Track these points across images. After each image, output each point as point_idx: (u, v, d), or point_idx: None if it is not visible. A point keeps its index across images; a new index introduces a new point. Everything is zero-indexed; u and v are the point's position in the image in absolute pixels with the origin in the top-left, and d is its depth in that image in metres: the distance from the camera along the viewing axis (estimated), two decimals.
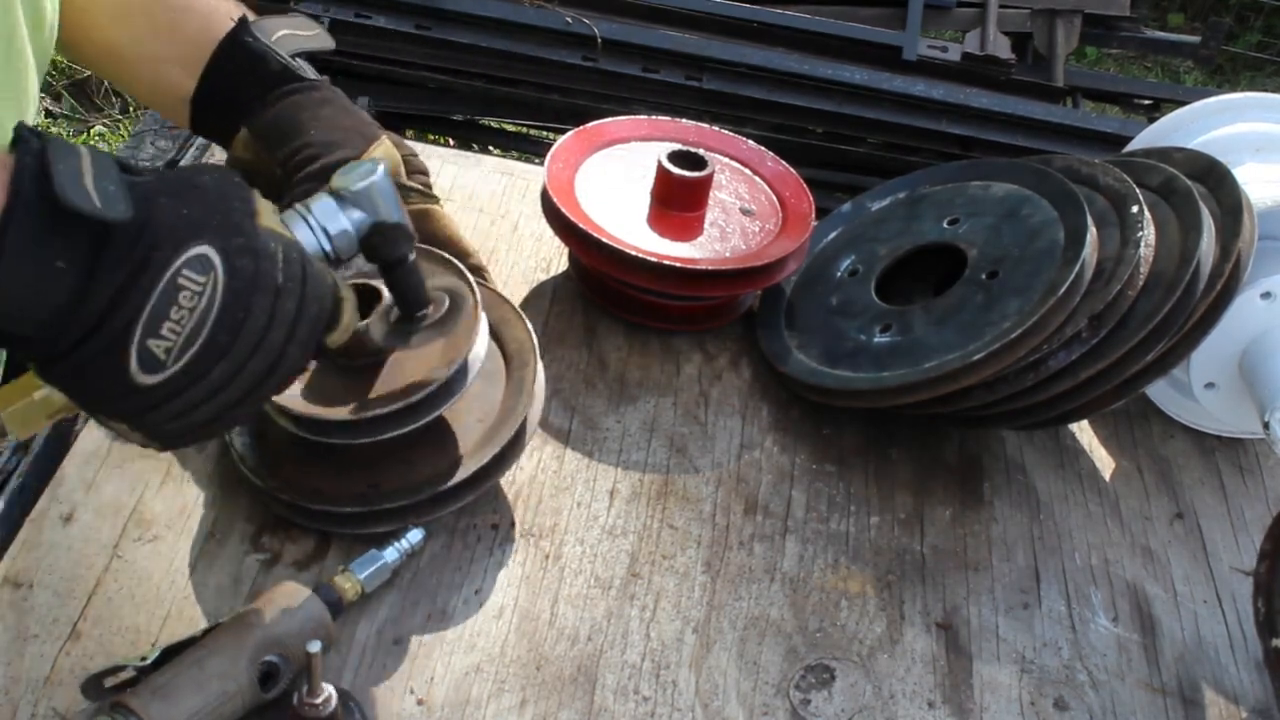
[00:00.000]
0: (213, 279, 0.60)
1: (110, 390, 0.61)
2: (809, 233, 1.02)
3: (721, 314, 1.04)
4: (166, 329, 0.60)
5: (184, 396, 0.62)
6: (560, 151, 1.03)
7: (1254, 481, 1.02)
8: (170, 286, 0.59)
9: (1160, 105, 2.77)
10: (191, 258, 0.60)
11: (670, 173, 1.00)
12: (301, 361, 0.65)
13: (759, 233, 1.02)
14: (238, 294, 0.61)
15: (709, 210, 1.02)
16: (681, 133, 1.09)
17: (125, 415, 0.62)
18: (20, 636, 0.73)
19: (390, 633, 0.77)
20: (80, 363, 0.60)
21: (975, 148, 2.33)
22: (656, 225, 1.00)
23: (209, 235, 0.60)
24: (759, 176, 1.07)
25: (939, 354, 0.91)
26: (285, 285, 0.63)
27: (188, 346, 0.60)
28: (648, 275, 0.96)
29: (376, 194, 0.70)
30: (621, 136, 1.07)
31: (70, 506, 0.80)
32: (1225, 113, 1.08)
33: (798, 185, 1.06)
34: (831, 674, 0.80)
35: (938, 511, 0.93)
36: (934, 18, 2.66)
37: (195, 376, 0.61)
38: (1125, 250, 0.91)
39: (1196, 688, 0.85)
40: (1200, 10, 4.12)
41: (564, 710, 0.75)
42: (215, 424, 0.64)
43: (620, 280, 0.98)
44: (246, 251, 0.61)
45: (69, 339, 0.59)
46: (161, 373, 0.60)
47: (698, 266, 0.96)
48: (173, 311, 0.60)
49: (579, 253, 1.00)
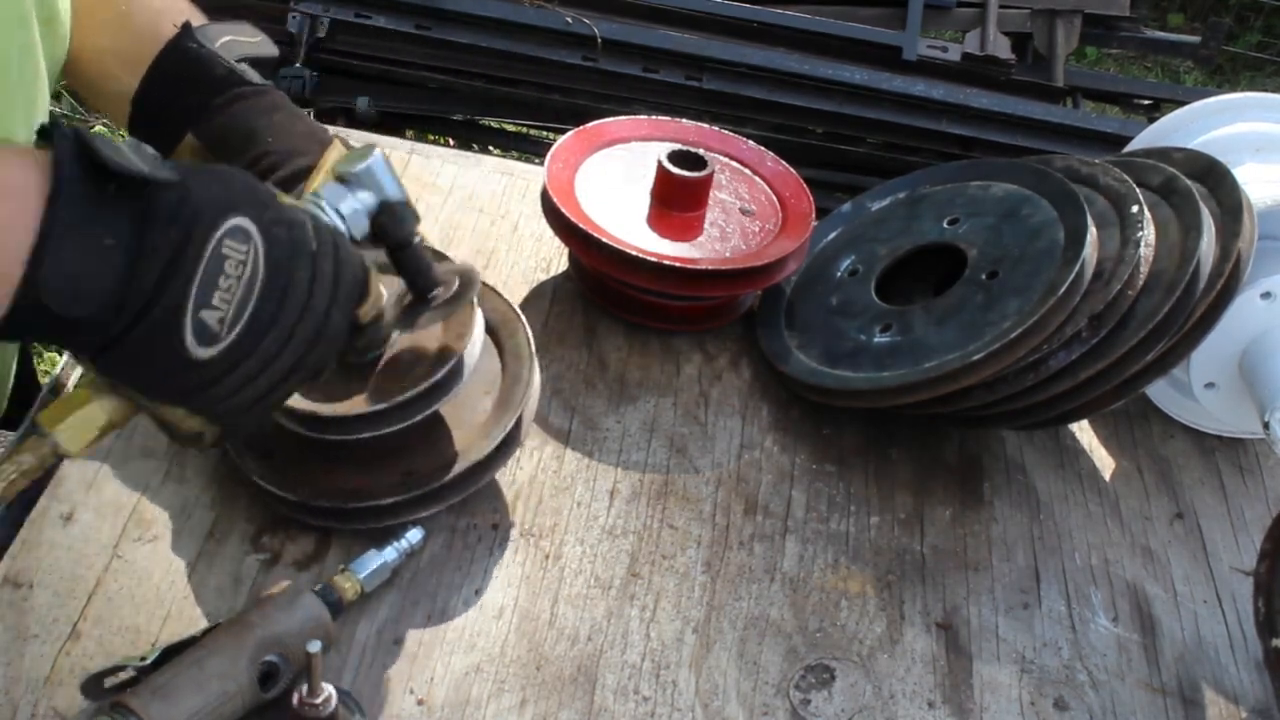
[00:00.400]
0: (253, 248, 0.61)
1: (169, 368, 0.61)
2: (809, 233, 1.02)
3: (721, 314, 1.04)
4: (218, 299, 0.60)
5: (240, 369, 0.62)
6: (560, 151, 1.03)
7: (1254, 481, 1.02)
8: (216, 256, 0.60)
9: (1160, 105, 2.77)
10: (231, 228, 0.60)
11: (670, 173, 1.00)
12: (343, 329, 0.66)
13: (759, 233, 1.02)
14: (278, 262, 0.62)
15: (709, 210, 1.02)
16: (681, 133, 1.09)
17: (185, 393, 0.62)
18: (20, 636, 0.73)
19: (390, 633, 0.77)
20: (137, 343, 0.60)
21: (975, 148, 2.33)
22: (656, 225, 1.00)
23: (243, 208, 0.61)
24: (759, 176, 1.07)
25: (939, 354, 0.91)
26: (321, 250, 0.64)
27: (239, 316, 0.61)
28: (648, 275, 0.96)
29: (380, 174, 0.71)
30: (622, 136, 1.07)
31: (70, 506, 0.80)
32: (1225, 113, 1.08)
33: (798, 185, 1.06)
34: (831, 674, 0.81)
35: (938, 511, 0.93)
36: (934, 18, 2.66)
37: (249, 347, 0.62)
38: (1125, 250, 0.91)
39: (1196, 688, 0.85)
40: (1200, 10, 4.12)
41: (564, 710, 0.75)
42: (270, 396, 0.64)
43: (620, 280, 0.98)
44: (280, 222, 0.63)
45: (123, 320, 0.59)
46: (217, 345, 0.61)
47: (698, 266, 0.96)
48: (221, 280, 0.60)
49: (579, 253, 1.00)
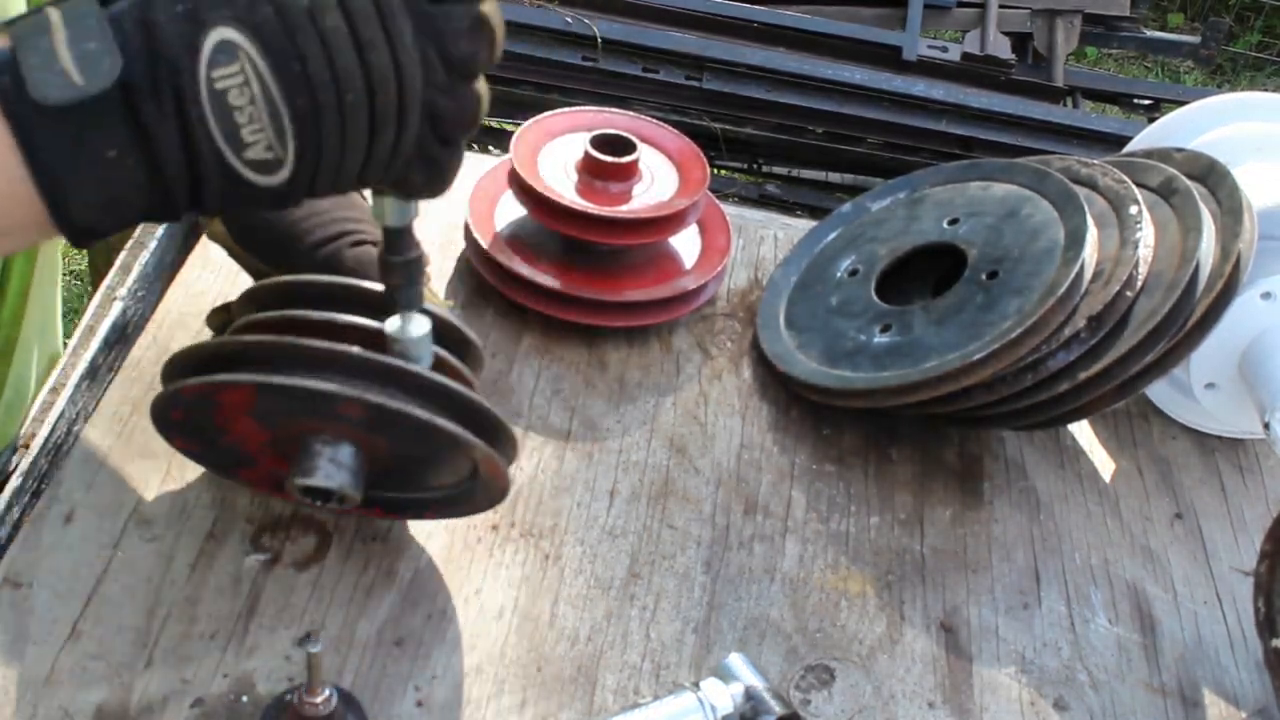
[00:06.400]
0: (243, 60, 0.52)
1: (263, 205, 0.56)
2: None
3: None
4: (248, 135, 0.53)
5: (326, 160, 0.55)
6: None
7: (1254, 481, 1.02)
8: (214, 99, 0.52)
9: (1160, 105, 2.77)
10: (211, 55, 0.51)
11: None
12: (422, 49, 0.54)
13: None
14: (276, 51, 0.52)
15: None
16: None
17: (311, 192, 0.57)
18: (20, 636, 0.73)
19: (390, 633, 0.77)
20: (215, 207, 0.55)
21: (975, 148, 2.34)
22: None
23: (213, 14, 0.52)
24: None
25: (939, 354, 0.91)
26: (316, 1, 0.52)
27: (280, 129, 0.53)
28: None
29: None
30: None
31: (70, 506, 0.80)
32: (1225, 113, 1.08)
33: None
34: (831, 674, 0.81)
35: (938, 512, 0.93)
36: (934, 18, 2.66)
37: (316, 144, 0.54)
38: (1124, 251, 0.91)
39: (1196, 688, 0.85)
40: (1200, 10, 4.12)
41: (564, 710, 0.75)
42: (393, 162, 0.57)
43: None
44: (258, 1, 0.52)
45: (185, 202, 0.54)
46: (284, 166, 0.54)
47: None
48: (237, 116, 0.52)
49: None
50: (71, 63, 0.50)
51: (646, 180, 1.03)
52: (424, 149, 0.57)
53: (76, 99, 0.50)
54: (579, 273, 1.01)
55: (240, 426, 0.73)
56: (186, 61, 0.51)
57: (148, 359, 0.90)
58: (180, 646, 0.74)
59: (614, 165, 1.01)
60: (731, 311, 1.07)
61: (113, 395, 0.88)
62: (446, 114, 0.56)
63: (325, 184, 0.56)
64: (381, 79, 0.53)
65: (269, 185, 0.54)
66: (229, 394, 0.71)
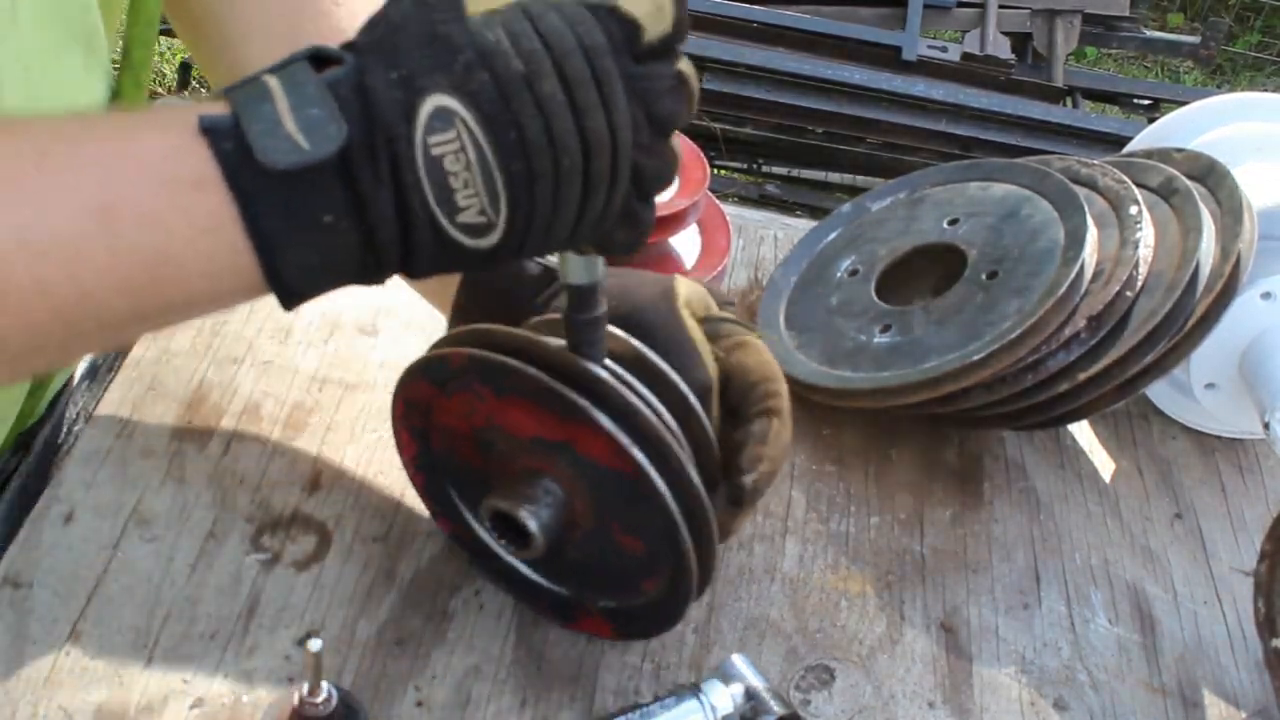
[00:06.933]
0: (459, 127, 0.52)
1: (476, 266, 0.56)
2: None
3: None
4: (462, 200, 0.53)
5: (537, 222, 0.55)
6: None
7: (1254, 481, 1.02)
8: (430, 165, 0.52)
9: (1160, 105, 2.77)
10: (427, 122, 0.51)
11: None
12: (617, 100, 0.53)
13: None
14: (493, 118, 0.52)
15: None
16: None
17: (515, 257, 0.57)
18: (20, 636, 0.73)
19: (390, 633, 0.77)
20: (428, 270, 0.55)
21: (975, 148, 2.34)
22: None
23: (428, 80, 0.51)
24: None
25: (939, 354, 0.91)
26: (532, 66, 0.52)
27: (493, 193, 0.53)
28: None
29: None
30: None
31: (70, 506, 0.80)
32: (1225, 113, 1.08)
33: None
34: (831, 674, 0.81)
35: (938, 512, 0.93)
36: (934, 18, 2.67)
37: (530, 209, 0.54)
38: (1124, 251, 0.91)
39: (1196, 688, 0.85)
40: (1200, 10, 4.12)
41: (564, 711, 0.75)
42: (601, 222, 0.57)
43: None
44: (472, 66, 0.52)
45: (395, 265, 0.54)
46: (495, 229, 0.54)
47: None
48: (452, 181, 0.52)
49: None
50: (297, 129, 0.51)
51: None
52: (627, 207, 0.57)
53: (303, 164, 0.50)
54: None
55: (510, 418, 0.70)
56: (404, 129, 0.51)
57: (147, 359, 0.90)
58: (180, 646, 0.74)
59: None
60: None
61: (113, 395, 0.88)
62: (649, 172, 0.56)
63: (534, 246, 0.56)
64: (598, 144, 0.53)
65: (478, 248, 0.54)
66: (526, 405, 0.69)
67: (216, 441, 0.86)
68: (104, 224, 0.51)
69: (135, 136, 0.53)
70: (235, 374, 0.91)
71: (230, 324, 0.95)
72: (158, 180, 0.52)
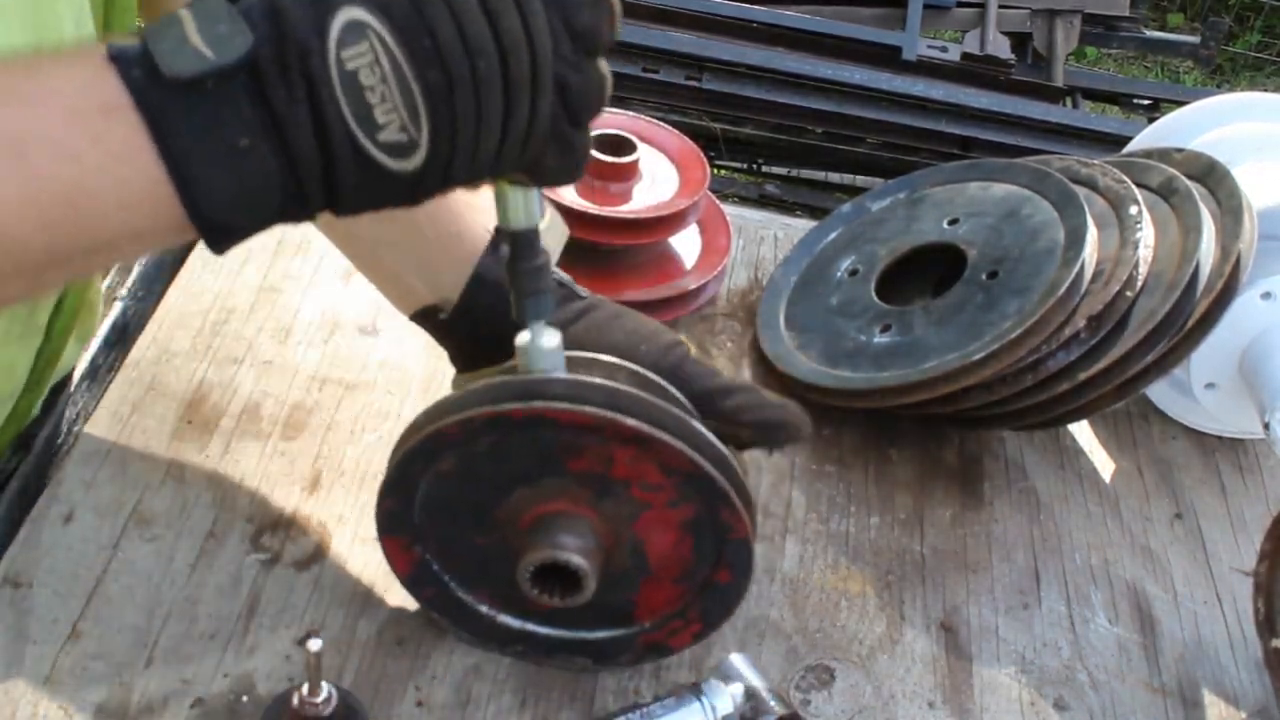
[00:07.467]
0: (371, 35, 0.51)
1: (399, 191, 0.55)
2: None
3: None
4: (381, 115, 0.51)
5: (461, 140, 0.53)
6: None
7: (1254, 481, 1.02)
8: (345, 79, 0.51)
9: (1160, 105, 2.77)
10: (339, 36, 0.50)
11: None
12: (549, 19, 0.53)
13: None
14: (405, 28, 0.51)
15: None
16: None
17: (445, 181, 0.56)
18: (20, 636, 0.73)
19: (391, 632, 0.77)
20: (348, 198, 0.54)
21: (975, 148, 2.34)
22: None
23: None
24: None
25: (939, 354, 0.91)
26: None
27: (412, 107, 0.52)
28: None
29: None
30: None
31: (70, 506, 0.80)
32: (1225, 113, 1.08)
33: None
34: (831, 674, 0.81)
35: (938, 512, 0.93)
36: (934, 18, 2.67)
37: (450, 121, 0.53)
38: (1124, 251, 0.91)
39: (1196, 688, 0.85)
40: (1200, 10, 4.13)
41: (564, 710, 0.75)
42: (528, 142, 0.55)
43: None
44: None
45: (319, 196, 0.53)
46: (418, 148, 0.53)
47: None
48: (368, 96, 0.51)
49: None
50: (203, 43, 0.50)
51: (647, 180, 1.03)
52: (557, 128, 0.56)
53: (207, 70, 0.49)
54: (579, 273, 1.01)
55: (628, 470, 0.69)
56: (315, 43, 0.50)
57: (147, 359, 0.90)
58: (180, 646, 0.74)
59: (614, 165, 1.01)
60: (731, 312, 1.07)
61: (113, 395, 0.88)
62: (575, 89, 0.55)
63: (461, 169, 0.54)
64: (513, 44, 0.52)
65: (404, 171, 0.53)
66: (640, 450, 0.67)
67: (216, 441, 0.86)
68: (14, 156, 0.50)
69: (44, 71, 0.52)
70: (235, 374, 0.91)
71: (230, 324, 0.95)
72: (68, 110, 0.51)
